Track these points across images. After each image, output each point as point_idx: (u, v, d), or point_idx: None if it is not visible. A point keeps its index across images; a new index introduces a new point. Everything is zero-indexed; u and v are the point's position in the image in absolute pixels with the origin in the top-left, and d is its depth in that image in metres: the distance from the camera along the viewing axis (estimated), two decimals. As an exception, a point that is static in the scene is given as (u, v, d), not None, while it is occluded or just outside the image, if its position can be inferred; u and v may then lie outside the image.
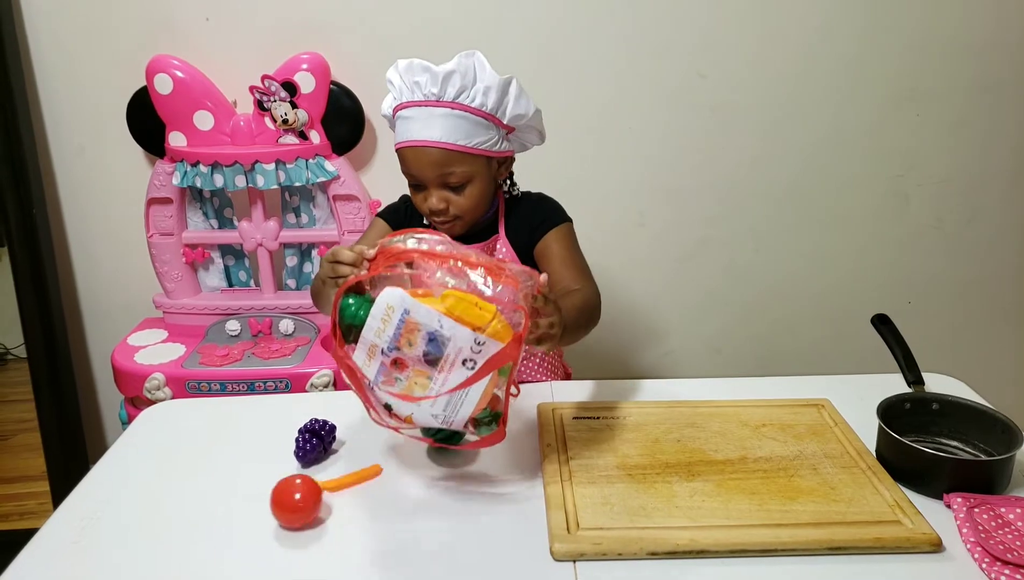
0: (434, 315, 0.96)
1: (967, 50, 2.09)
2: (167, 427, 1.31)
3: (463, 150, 1.27)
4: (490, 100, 1.27)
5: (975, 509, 1.01)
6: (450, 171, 1.28)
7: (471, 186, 1.31)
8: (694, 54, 2.07)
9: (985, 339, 2.37)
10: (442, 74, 1.24)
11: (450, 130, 1.26)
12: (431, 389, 0.98)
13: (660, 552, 0.96)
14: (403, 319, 0.97)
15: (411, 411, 1.02)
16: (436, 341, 0.96)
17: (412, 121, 1.28)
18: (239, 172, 1.95)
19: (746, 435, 1.21)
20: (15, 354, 2.90)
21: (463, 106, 1.26)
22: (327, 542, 1.00)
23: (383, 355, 0.99)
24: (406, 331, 0.97)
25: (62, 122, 2.08)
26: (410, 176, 1.33)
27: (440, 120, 1.26)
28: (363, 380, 1.02)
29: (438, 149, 1.27)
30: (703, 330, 2.33)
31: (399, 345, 0.98)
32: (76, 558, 0.98)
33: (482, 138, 1.29)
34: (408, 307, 0.97)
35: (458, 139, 1.27)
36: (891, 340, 1.36)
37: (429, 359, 0.97)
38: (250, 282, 2.20)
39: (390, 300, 0.98)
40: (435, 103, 1.26)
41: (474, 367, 0.96)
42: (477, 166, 1.31)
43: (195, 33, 1.99)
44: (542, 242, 1.38)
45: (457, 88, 1.25)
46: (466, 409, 1.01)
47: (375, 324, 0.98)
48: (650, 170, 2.17)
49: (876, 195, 2.22)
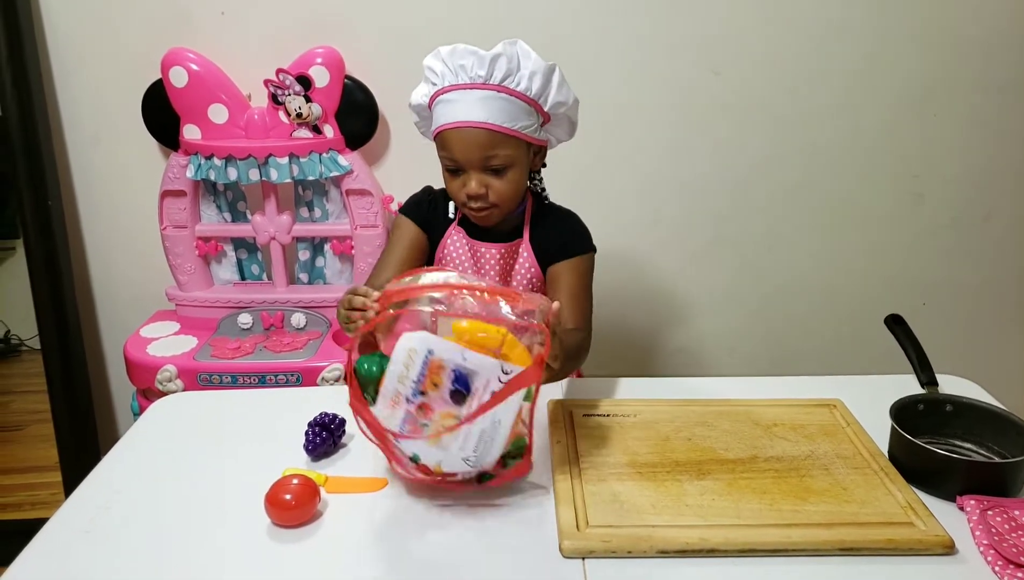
0: (457, 350, 0.94)
1: (983, 49, 2.07)
2: (177, 419, 1.32)
3: (508, 132, 1.27)
4: (535, 85, 1.27)
5: (988, 511, 1.00)
6: (494, 153, 1.27)
7: (511, 171, 1.30)
8: (708, 52, 2.06)
9: (1000, 340, 2.35)
10: (489, 57, 1.24)
11: (496, 112, 1.26)
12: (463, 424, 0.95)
13: (670, 551, 0.95)
14: (427, 360, 0.94)
15: (439, 459, 0.99)
16: (463, 377, 0.94)
17: (457, 104, 1.27)
18: (253, 165, 1.96)
19: (757, 434, 1.20)
20: (29, 345, 2.91)
21: (509, 90, 1.26)
22: (327, 538, 1.00)
23: (407, 403, 0.96)
24: (431, 372, 0.95)
25: (77, 114, 2.09)
26: (451, 160, 1.30)
27: (486, 102, 1.26)
28: (386, 434, 0.99)
29: (484, 130, 1.26)
30: (715, 328, 2.33)
31: (424, 388, 0.95)
32: (86, 548, 0.99)
33: (525, 122, 1.28)
34: (431, 347, 0.95)
35: (504, 121, 1.26)
36: (905, 341, 1.35)
37: (456, 398, 0.95)
38: (262, 276, 2.20)
39: (411, 343, 0.95)
40: (481, 85, 1.26)
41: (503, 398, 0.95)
42: (519, 151, 1.30)
43: (210, 26, 2.00)
44: (560, 265, 1.37)
45: (504, 72, 1.25)
46: (497, 445, 0.98)
47: (398, 370, 0.95)
48: (664, 168, 2.16)
49: (890, 194, 2.20)
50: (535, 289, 1.39)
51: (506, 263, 1.39)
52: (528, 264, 1.39)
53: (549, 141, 1.40)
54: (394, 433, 0.98)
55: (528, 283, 1.39)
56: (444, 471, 1.01)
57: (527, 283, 1.39)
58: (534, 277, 1.39)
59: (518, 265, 1.40)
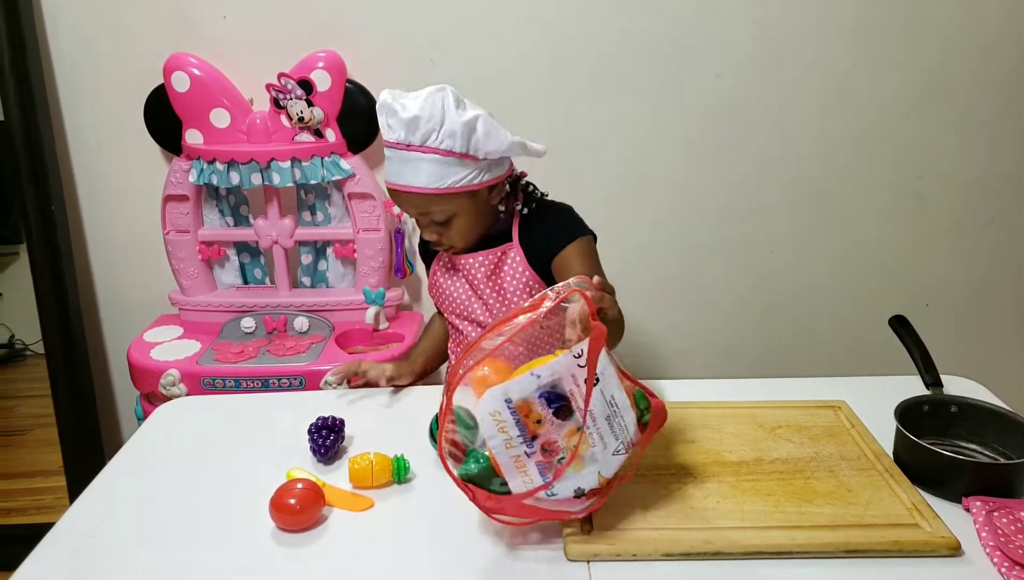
0: (525, 377, 0.92)
1: (986, 50, 2.06)
2: (181, 424, 1.32)
3: (437, 193, 1.26)
4: (457, 143, 1.23)
5: (994, 513, 1.00)
6: (428, 211, 1.30)
7: (456, 220, 1.31)
8: (710, 54, 2.06)
9: (1005, 342, 2.34)
10: (407, 120, 1.21)
11: (422, 175, 1.25)
12: (588, 425, 0.92)
13: (675, 553, 0.95)
14: (512, 408, 0.91)
15: (597, 471, 0.95)
16: (551, 394, 0.92)
17: (391, 162, 1.28)
18: (255, 170, 1.96)
19: (762, 436, 1.20)
20: (33, 350, 2.92)
21: (432, 149, 1.23)
22: (332, 542, 1.01)
23: (529, 457, 0.92)
24: (523, 415, 0.91)
25: (80, 120, 2.09)
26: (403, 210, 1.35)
27: (412, 165, 1.25)
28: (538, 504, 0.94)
29: (416, 194, 1.27)
30: (718, 331, 2.32)
31: (532, 433, 0.92)
32: (91, 552, 0.99)
33: (457, 177, 1.26)
34: (507, 395, 0.91)
35: (430, 183, 1.25)
36: (909, 342, 1.35)
37: (562, 414, 0.92)
38: (265, 279, 2.21)
39: (488, 407, 0.92)
40: (405, 147, 1.24)
41: (599, 378, 0.92)
42: (458, 203, 1.29)
43: (212, 31, 2.00)
44: (561, 255, 1.34)
45: (423, 132, 1.22)
46: (629, 416, 0.96)
47: (499, 440, 0.92)
48: (666, 170, 2.16)
49: (894, 196, 2.20)
50: (531, 291, 1.37)
51: (491, 269, 1.38)
52: (521, 268, 1.37)
53: (511, 168, 1.37)
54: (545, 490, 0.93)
55: (523, 286, 1.37)
56: (608, 477, 0.96)
57: (521, 286, 1.37)
58: (530, 280, 1.37)
59: (508, 269, 1.38)
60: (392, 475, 1.10)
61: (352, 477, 1.10)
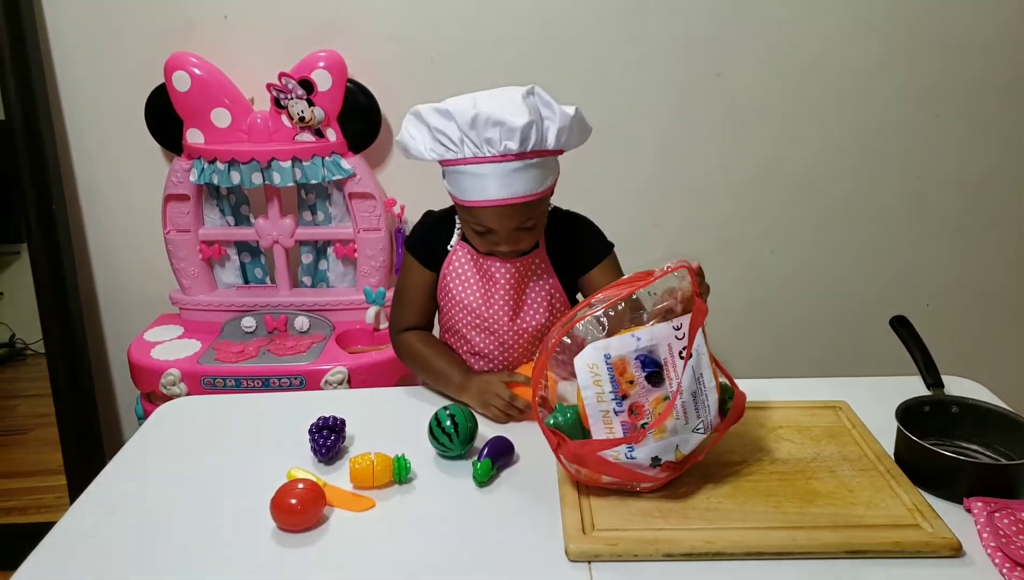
0: (627, 337, 0.98)
1: (986, 50, 2.06)
2: (181, 424, 1.32)
3: (541, 196, 1.25)
4: (563, 138, 1.23)
5: (995, 514, 1.00)
6: (528, 217, 1.25)
7: (540, 222, 1.30)
8: (710, 54, 2.05)
9: (1005, 342, 2.34)
10: (520, 128, 1.16)
11: (531, 181, 1.21)
12: (674, 388, 0.98)
13: (676, 554, 0.95)
14: (609, 363, 0.98)
15: (676, 443, 1.00)
16: (648, 358, 0.98)
17: (486, 179, 1.19)
18: (256, 169, 1.96)
19: (763, 437, 1.20)
20: (34, 349, 2.92)
21: (539, 152, 1.21)
22: (333, 542, 1.01)
23: (617, 415, 0.99)
24: (619, 373, 0.98)
25: (81, 119, 2.09)
26: (481, 226, 1.27)
27: (520, 174, 1.20)
28: (616, 458, 0.99)
29: (522, 204, 1.22)
30: (719, 331, 2.30)
31: (623, 392, 0.98)
32: (91, 552, 0.99)
33: (554, 173, 1.26)
34: (607, 351, 0.98)
35: (538, 187, 1.23)
36: (910, 342, 1.35)
37: (654, 380, 0.98)
38: (266, 279, 2.20)
39: (588, 359, 0.98)
40: (516, 157, 1.19)
41: (693, 354, 0.98)
42: (546, 201, 1.29)
43: (213, 31, 2.00)
44: (594, 273, 1.35)
45: (534, 139, 1.19)
46: (712, 399, 1.00)
47: (592, 392, 0.98)
48: (666, 171, 2.16)
49: (894, 196, 2.20)
50: (554, 301, 1.37)
51: (520, 276, 1.35)
52: (547, 275, 1.36)
53: None
54: (618, 457, 0.99)
55: (547, 295, 1.36)
56: (685, 453, 1.02)
57: (545, 294, 1.36)
58: (552, 288, 1.37)
59: (534, 278, 1.36)
60: (393, 475, 1.10)
61: (353, 477, 1.09)
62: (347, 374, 1.87)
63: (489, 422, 1.27)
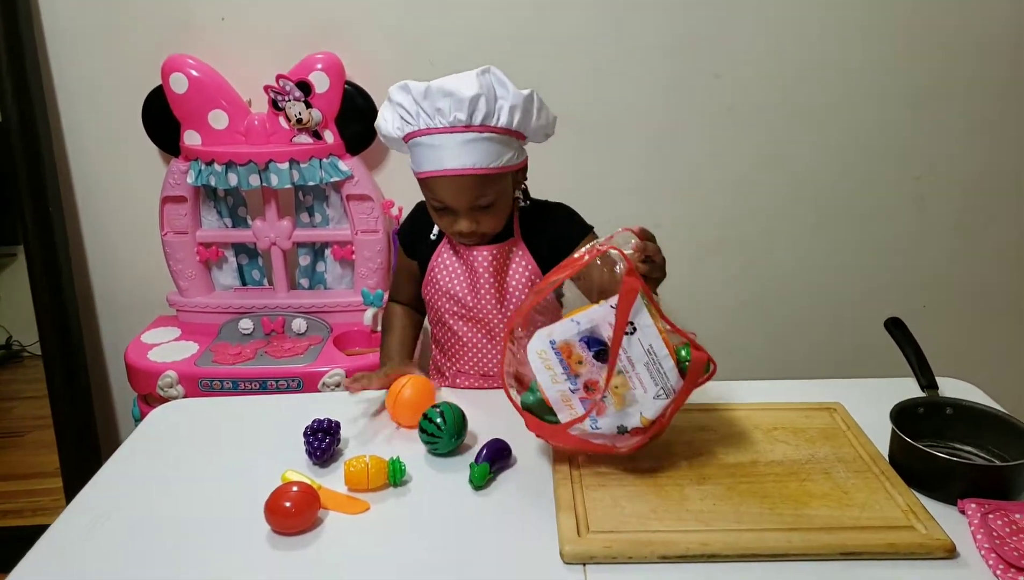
0: (567, 322, 1.03)
1: (986, 50, 2.07)
2: (175, 427, 1.32)
3: (495, 172, 1.26)
4: (516, 118, 1.25)
5: (989, 515, 1.00)
6: (482, 193, 1.27)
7: (497, 204, 1.31)
8: (709, 54, 2.06)
9: (1000, 344, 2.34)
10: (468, 99, 1.21)
11: (481, 154, 1.24)
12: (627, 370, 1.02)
13: (671, 556, 0.95)
14: (556, 348, 1.03)
15: (639, 410, 1.05)
16: (591, 338, 1.03)
17: (439, 149, 1.24)
18: (253, 171, 1.96)
19: (758, 438, 1.20)
20: (30, 351, 2.92)
21: (490, 128, 1.24)
22: (327, 545, 1.00)
23: (574, 393, 1.04)
24: (566, 355, 1.03)
25: (78, 121, 2.09)
26: (438, 201, 1.30)
27: (470, 145, 1.23)
28: (583, 433, 1.06)
29: (473, 176, 1.25)
30: (715, 331, 2.31)
31: (575, 371, 1.03)
32: (86, 555, 0.99)
33: (508, 154, 1.27)
34: (551, 337, 1.03)
35: (489, 162, 1.25)
36: (904, 344, 1.35)
37: (601, 357, 1.02)
38: (263, 281, 2.21)
39: (535, 347, 1.04)
40: (463, 129, 1.23)
41: (635, 329, 1.01)
42: (504, 183, 1.30)
43: (211, 33, 2.00)
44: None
45: (483, 112, 1.22)
46: (668, 365, 1.03)
47: (546, 376, 1.04)
48: (665, 170, 2.16)
49: (893, 197, 2.20)
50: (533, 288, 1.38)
51: (499, 264, 1.38)
52: (525, 262, 1.38)
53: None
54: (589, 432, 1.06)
55: (526, 282, 1.38)
56: (651, 418, 1.05)
57: (524, 282, 1.38)
58: (532, 274, 1.38)
59: (513, 266, 1.39)
60: (388, 478, 1.10)
61: (348, 480, 1.09)
62: (345, 376, 1.87)
63: (487, 422, 1.26)
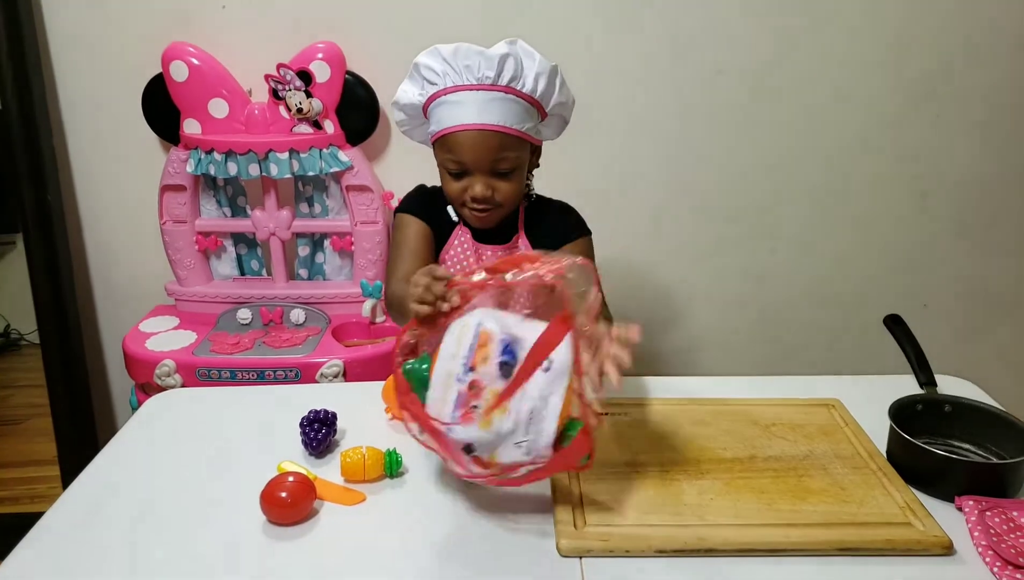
0: (510, 318, 0.97)
1: (987, 50, 2.06)
2: (171, 416, 1.31)
3: (517, 134, 1.25)
4: (540, 86, 1.26)
5: (987, 512, 1.00)
6: (503, 156, 1.26)
7: (516, 172, 1.29)
8: (712, 52, 2.05)
9: (999, 342, 2.34)
10: (497, 57, 1.22)
11: (506, 113, 1.24)
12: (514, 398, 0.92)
13: (668, 550, 0.95)
14: (477, 332, 0.96)
15: (494, 447, 0.94)
16: (508, 346, 0.95)
17: (464, 106, 1.24)
18: (253, 161, 1.95)
19: (756, 434, 1.20)
20: (28, 340, 2.92)
21: (516, 91, 1.25)
22: (323, 536, 1.00)
23: (458, 382, 0.95)
24: (480, 345, 0.95)
25: (78, 108, 2.08)
26: (456, 162, 1.27)
27: (496, 103, 1.23)
28: (438, 427, 0.95)
29: (497, 133, 1.24)
30: (716, 329, 2.32)
31: (473, 364, 0.95)
32: (82, 542, 0.99)
33: (530, 124, 1.27)
34: (482, 320, 0.96)
35: (513, 123, 1.25)
36: (903, 341, 1.35)
37: (505, 370, 0.93)
38: (262, 271, 2.20)
39: (465, 318, 0.97)
40: (490, 87, 1.23)
41: (549, 368, 0.92)
42: (523, 152, 1.30)
43: (211, 21, 1.99)
44: (568, 248, 1.35)
45: (511, 73, 1.23)
46: (549, 424, 0.92)
47: (449, 348, 0.96)
48: (667, 169, 2.15)
49: (895, 196, 2.19)
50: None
51: None
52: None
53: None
54: (446, 423, 0.94)
55: None
56: (499, 462, 0.95)
57: None
58: None
59: None
60: (384, 469, 1.10)
61: (344, 471, 1.09)
62: (343, 367, 1.87)
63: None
